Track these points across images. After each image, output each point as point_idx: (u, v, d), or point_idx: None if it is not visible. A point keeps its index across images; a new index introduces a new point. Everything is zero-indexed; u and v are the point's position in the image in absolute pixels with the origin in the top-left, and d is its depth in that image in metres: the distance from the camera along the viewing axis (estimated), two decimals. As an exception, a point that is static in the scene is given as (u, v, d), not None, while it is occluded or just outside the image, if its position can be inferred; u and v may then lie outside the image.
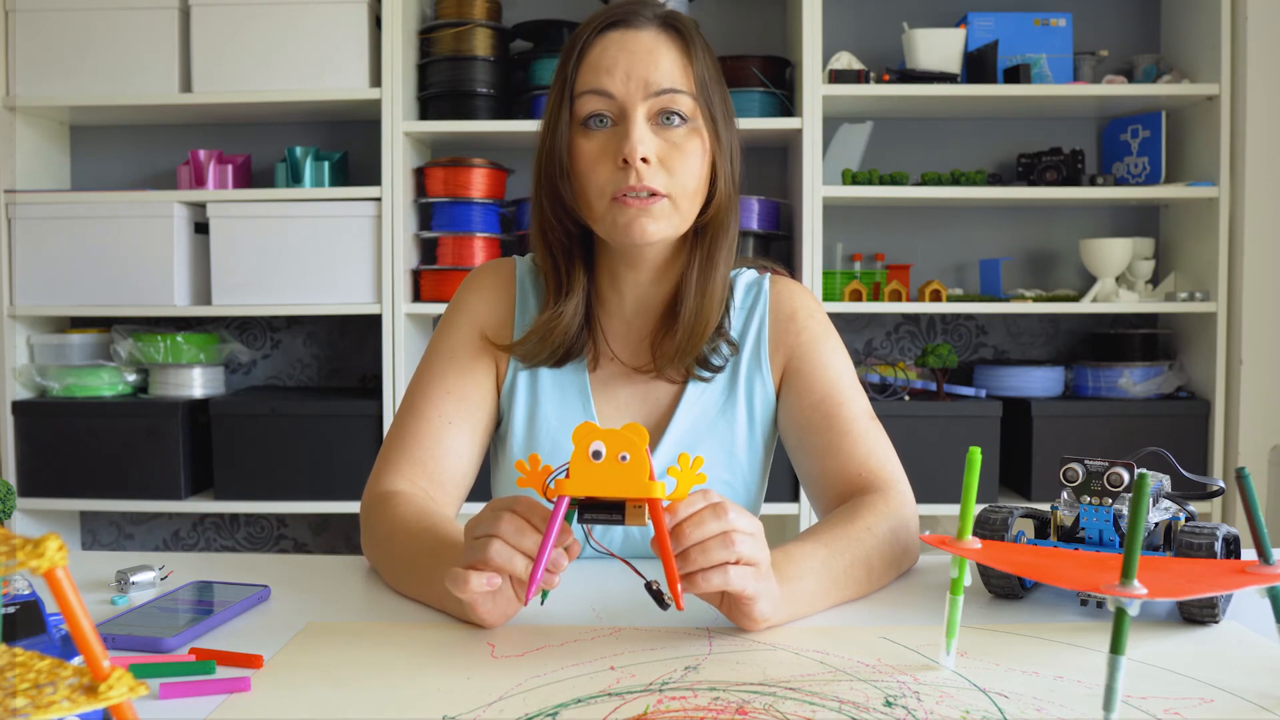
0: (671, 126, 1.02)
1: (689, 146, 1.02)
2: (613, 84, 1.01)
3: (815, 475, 1.10)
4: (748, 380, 1.14)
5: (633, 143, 0.99)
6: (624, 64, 1.01)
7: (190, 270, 2.49)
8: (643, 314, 1.13)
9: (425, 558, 0.91)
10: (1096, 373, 2.49)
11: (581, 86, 1.02)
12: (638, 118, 1.00)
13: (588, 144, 1.02)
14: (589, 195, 1.03)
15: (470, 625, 0.84)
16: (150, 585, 0.95)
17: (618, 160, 1.00)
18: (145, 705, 0.68)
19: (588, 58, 1.03)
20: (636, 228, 1.01)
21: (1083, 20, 2.62)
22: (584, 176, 1.03)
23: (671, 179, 1.01)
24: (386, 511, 1.01)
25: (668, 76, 1.01)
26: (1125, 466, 0.89)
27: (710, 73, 1.06)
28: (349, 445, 2.41)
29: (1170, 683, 0.72)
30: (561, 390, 1.13)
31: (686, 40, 1.05)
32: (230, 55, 2.42)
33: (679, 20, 1.06)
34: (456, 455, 1.09)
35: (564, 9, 2.64)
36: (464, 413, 1.10)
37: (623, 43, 1.02)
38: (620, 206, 1.01)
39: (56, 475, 2.44)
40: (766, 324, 1.14)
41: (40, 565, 0.40)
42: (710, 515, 0.77)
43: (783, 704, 0.68)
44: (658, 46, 1.02)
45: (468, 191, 2.44)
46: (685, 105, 1.02)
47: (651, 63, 1.01)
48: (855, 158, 2.59)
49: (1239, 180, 2.37)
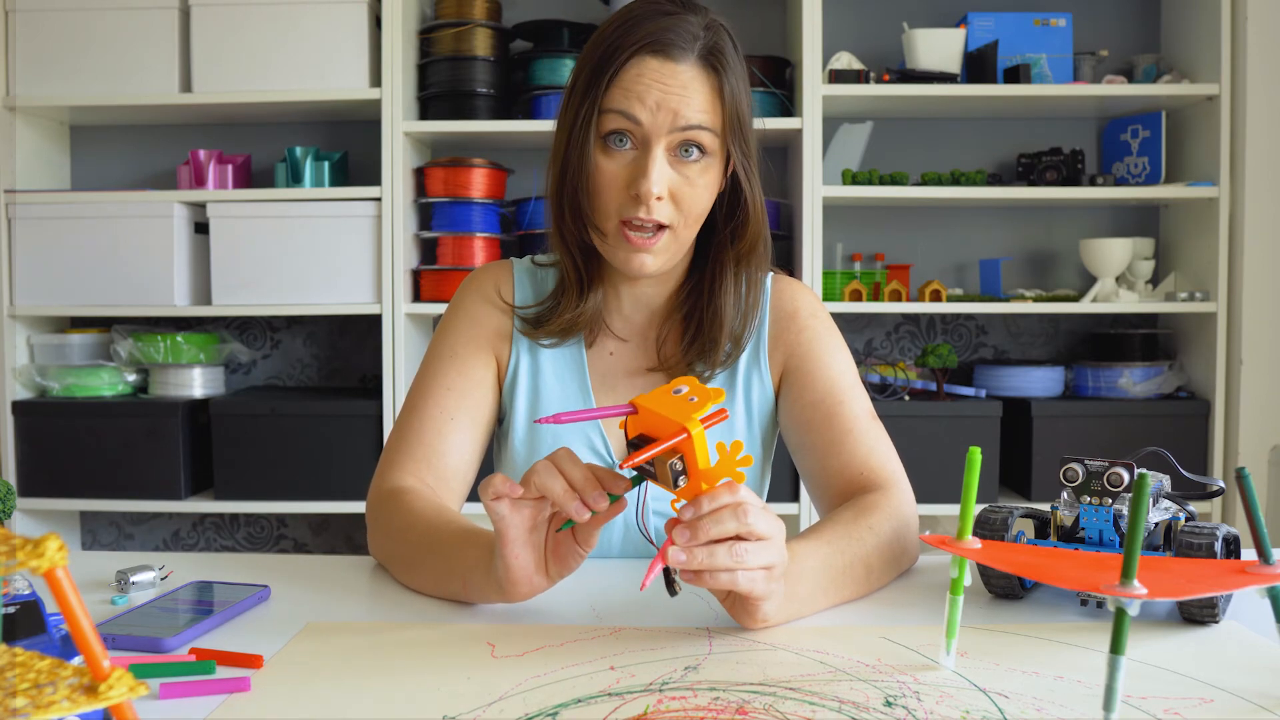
0: (689, 160, 1.02)
1: (702, 181, 1.03)
2: (642, 112, 1.00)
3: (816, 474, 1.10)
4: (746, 378, 1.14)
5: (650, 181, 0.99)
6: (656, 94, 0.99)
7: (190, 270, 2.49)
8: (642, 310, 1.14)
9: (448, 543, 0.92)
10: (1096, 373, 2.49)
11: (610, 104, 1.01)
12: (658, 153, 1.00)
13: (607, 162, 1.02)
14: (598, 213, 1.04)
15: (470, 625, 0.84)
16: (150, 585, 0.95)
17: (631, 190, 1.01)
18: (145, 705, 0.68)
19: (621, 78, 1.00)
20: (635, 263, 1.03)
21: (1083, 20, 2.62)
22: (597, 192, 1.03)
23: (677, 211, 1.02)
24: (399, 505, 1.01)
25: (697, 113, 1.00)
26: (1125, 466, 0.89)
27: (741, 102, 1.04)
28: (349, 445, 2.41)
29: (1170, 683, 0.72)
30: (560, 378, 1.14)
31: (721, 75, 1.02)
32: (230, 55, 2.42)
33: (719, 56, 1.02)
34: (459, 451, 1.10)
35: (564, 9, 2.64)
36: (465, 409, 1.11)
37: (659, 74, 1.00)
38: (623, 239, 1.02)
39: (56, 475, 2.44)
40: (767, 322, 1.15)
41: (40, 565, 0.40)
42: (730, 515, 0.75)
43: (783, 704, 0.68)
44: (693, 82, 1.00)
45: (468, 191, 2.44)
46: (707, 141, 1.02)
47: (684, 99, 1.00)
48: (855, 158, 2.59)
49: (1239, 180, 2.37)
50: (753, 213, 1.08)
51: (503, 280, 1.17)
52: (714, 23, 1.04)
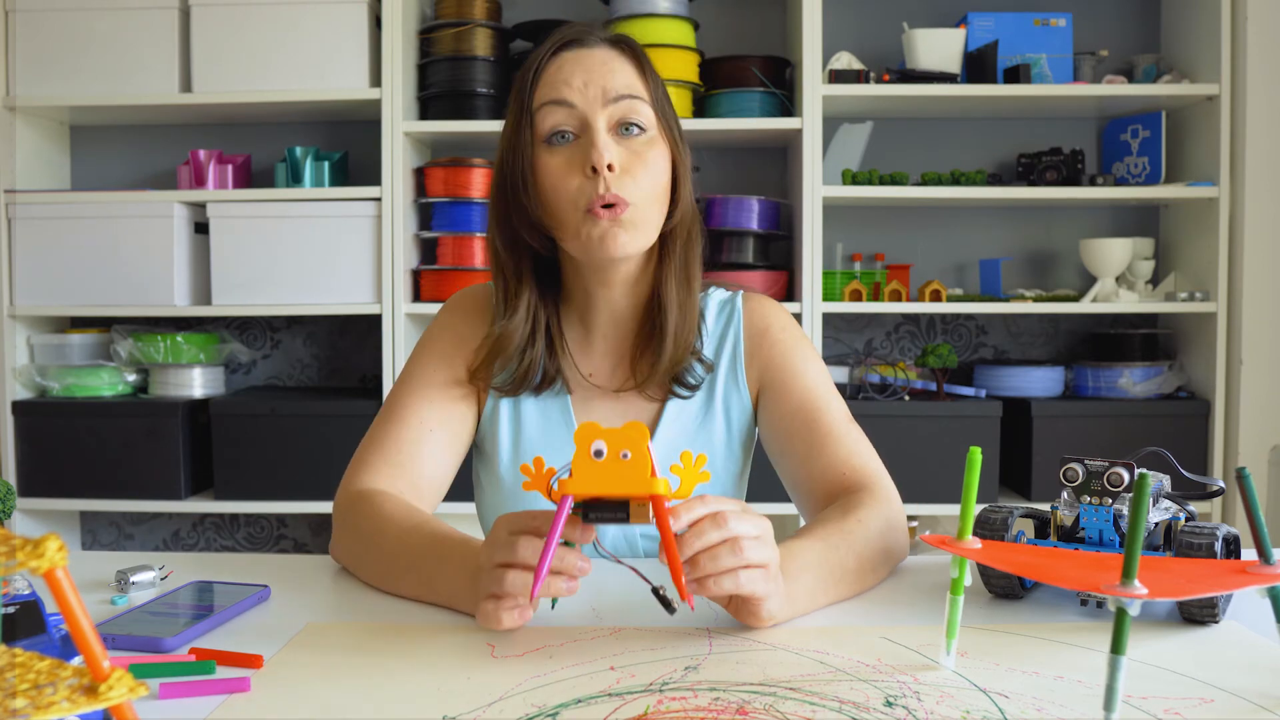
0: (632, 136, 1.03)
1: (651, 155, 1.04)
2: (571, 94, 1.02)
3: (800, 479, 1.11)
4: (725, 395, 1.16)
5: (599, 149, 1.00)
6: (581, 75, 1.03)
7: (190, 270, 2.49)
8: (618, 328, 1.14)
9: (427, 554, 0.91)
10: (1096, 373, 2.49)
11: (540, 99, 1.03)
12: (600, 126, 1.02)
13: (552, 160, 1.03)
14: (560, 210, 1.04)
15: (470, 625, 0.84)
16: (150, 585, 0.95)
17: (585, 170, 1.01)
18: (145, 705, 0.68)
19: (544, 76, 1.05)
20: (610, 240, 1.02)
21: (1083, 20, 2.62)
22: (552, 192, 1.03)
23: (636, 187, 1.02)
24: (370, 508, 1.00)
25: (625, 84, 1.03)
26: (1125, 466, 0.89)
27: (661, 89, 1.08)
28: (349, 445, 2.38)
29: (1170, 683, 0.72)
30: (544, 415, 1.14)
31: (639, 57, 1.07)
32: (230, 55, 2.42)
33: (630, 44, 1.08)
34: (434, 463, 1.09)
35: (564, 9, 2.64)
36: (445, 425, 1.11)
37: (578, 59, 1.04)
38: (593, 220, 1.02)
39: (56, 475, 2.44)
40: (741, 341, 1.17)
41: (40, 565, 0.40)
42: (710, 526, 0.76)
43: (783, 704, 0.68)
44: (612, 59, 1.05)
45: (468, 191, 2.44)
46: (645, 115, 1.04)
47: (608, 72, 1.03)
48: (855, 158, 2.59)
49: (1239, 180, 2.37)
50: (680, 196, 1.08)
51: (481, 307, 1.16)
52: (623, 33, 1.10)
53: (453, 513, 1.82)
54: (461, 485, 1.19)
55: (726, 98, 2.44)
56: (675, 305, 1.09)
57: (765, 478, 1.24)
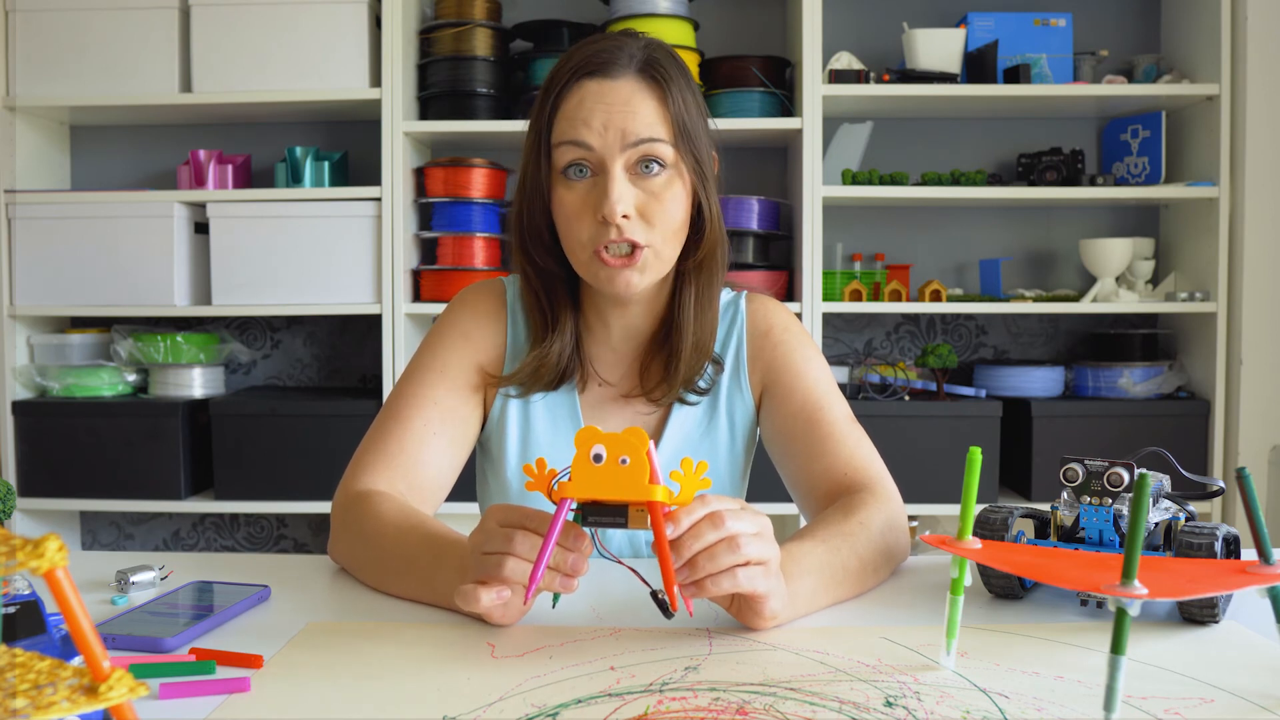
0: (650, 175, 1.02)
1: (668, 194, 1.02)
2: (590, 136, 1.00)
3: (801, 479, 1.11)
4: (729, 398, 1.16)
5: (611, 202, 0.99)
6: (601, 115, 1.00)
7: (190, 270, 2.49)
8: (630, 341, 1.15)
9: (424, 555, 0.91)
10: (1096, 373, 2.49)
11: (559, 137, 1.02)
12: (616, 172, 1.00)
13: (568, 195, 1.03)
14: (571, 246, 1.04)
15: (470, 625, 0.84)
16: (150, 585, 0.95)
17: (597, 215, 1.01)
18: (145, 705, 0.68)
19: (564, 107, 1.02)
20: (620, 282, 1.02)
21: (1083, 20, 2.62)
22: (566, 225, 1.04)
23: (651, 230, 1.02)
24: (369, 509, 1.00)
25: (646, 126, 1.00)
26: (1125, 466, 0.89)
27: (690, 111, 1.05)
28: (349, 445, 2.38)
29: (1170, 683, 0.72)
30: (553, 415, 1.14)
31: (664, 86, 1.03)
32: (230, 55, 2.42)
33: (657, 67, 1.04)
34: (436, 466, 1.09)
35: (564, 9, 2.64)
36: (448, 426, 1.10)
37: (600, 94, 1.01)
38: (600, 263, 1.02)
39: (56, 475, 2.44)
40: (745, 342, 1.16)
41: (40, 565, 0.40)
42: (708, 526, 0.76)
43: (783, 704, 0.68)
44: (634, 96, 1.01)
45: (468, 191, 2.44)
46: (664, 153, 1.02)
47: (629, 113, 1.00)
48: (855, 158, 2.59)
49: (1239, 180, 2.37)
50: (709, 221, 1.07)
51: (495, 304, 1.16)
52: (651, 42, 1.06)
53: (454, 513, 1.82)
54: (462, 485, 1.19)
55: (726, 98, 2.44)
56: (691, 327, 1.09)
57: (766, 478, 1.24)
